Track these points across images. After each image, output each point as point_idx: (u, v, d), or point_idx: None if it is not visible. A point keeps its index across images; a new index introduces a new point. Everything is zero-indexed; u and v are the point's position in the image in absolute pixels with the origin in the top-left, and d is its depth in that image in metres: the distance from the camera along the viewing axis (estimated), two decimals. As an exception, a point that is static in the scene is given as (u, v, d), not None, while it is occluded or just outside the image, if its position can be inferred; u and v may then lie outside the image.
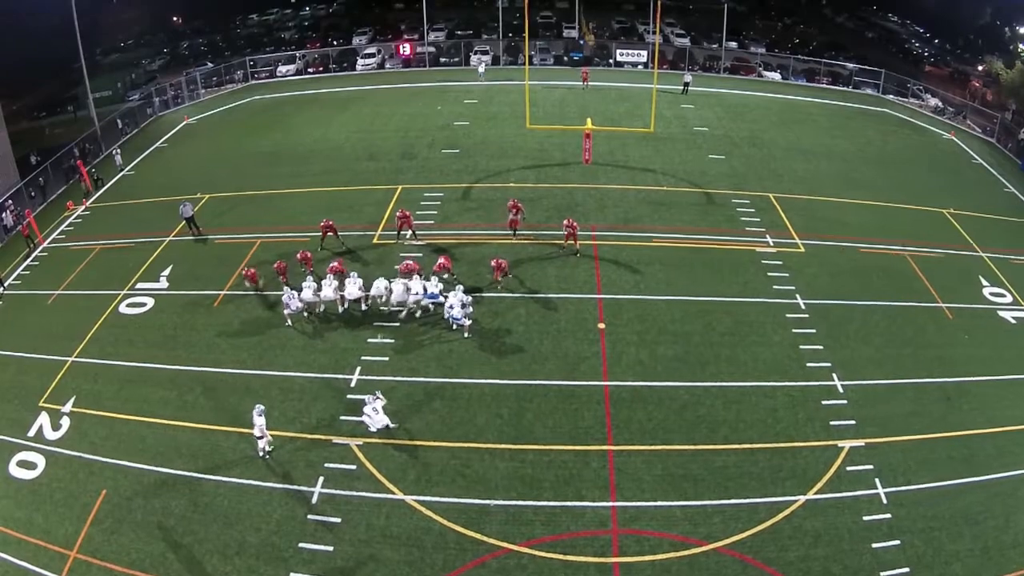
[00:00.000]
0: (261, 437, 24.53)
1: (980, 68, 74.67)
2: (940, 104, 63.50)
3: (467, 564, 21.27)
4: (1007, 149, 54.59)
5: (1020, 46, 74.34)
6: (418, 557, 21.49)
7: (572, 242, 35.33)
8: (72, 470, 25.06)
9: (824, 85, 67.52)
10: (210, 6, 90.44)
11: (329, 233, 36.35)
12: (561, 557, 21.43)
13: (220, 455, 25.25)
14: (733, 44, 75.48)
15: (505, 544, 21.79)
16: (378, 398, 24.93)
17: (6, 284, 36.50)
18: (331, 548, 21.84)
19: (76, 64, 55.71)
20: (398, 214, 36.83)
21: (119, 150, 50.98)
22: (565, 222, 35.43)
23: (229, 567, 21.44)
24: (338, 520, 22.62)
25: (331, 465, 24.51)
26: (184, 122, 58.18)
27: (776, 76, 68.58)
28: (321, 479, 24.04)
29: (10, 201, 43.42)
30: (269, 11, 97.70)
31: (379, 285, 31.24)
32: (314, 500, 23.39)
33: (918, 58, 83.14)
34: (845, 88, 67.07)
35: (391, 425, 25.31)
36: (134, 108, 60.40)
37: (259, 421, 24.30)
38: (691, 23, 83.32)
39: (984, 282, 35.46)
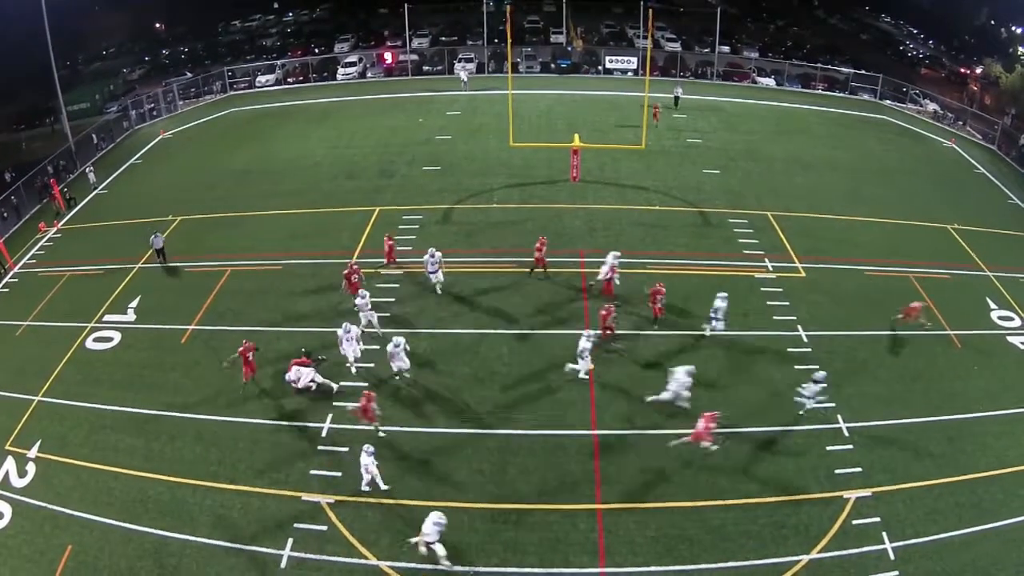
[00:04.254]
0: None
1: (978, 71, 73.56)
2: (939, 109, 62.32)
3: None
4: (1009, 157, 53.44)
5: (1020, 49, 73.27)
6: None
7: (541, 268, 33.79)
8: (38, 522, 23.86)
9: (820, 92, 66.19)
10: (192, 12, 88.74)
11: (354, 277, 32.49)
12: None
13: (186, 512, 23.68)
14: (726, 48, 74.05)
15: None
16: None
17: None
18: (300, 624, 20.13)
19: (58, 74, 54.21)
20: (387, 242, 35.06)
21: (92, 168, 49.56)
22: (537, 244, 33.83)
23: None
24: (308, 588, 20.90)
25: (301, 525, 22.86)
26: (160, 136, 56.66)
27: (771, 82, 67.23)
28: (291, 541, 22.39)
29: None
30: (252, 17, 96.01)
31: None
32: (283, 564, 21.80)
33: (913, 61, 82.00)
34: (842, 94, 65.85)
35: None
36: (111, 121, 59.19)
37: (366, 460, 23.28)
38: (682, 27, 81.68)
39: (992, 304, 34.19)
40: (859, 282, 34.97)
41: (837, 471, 24.63)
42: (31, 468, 25.84)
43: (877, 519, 22.97)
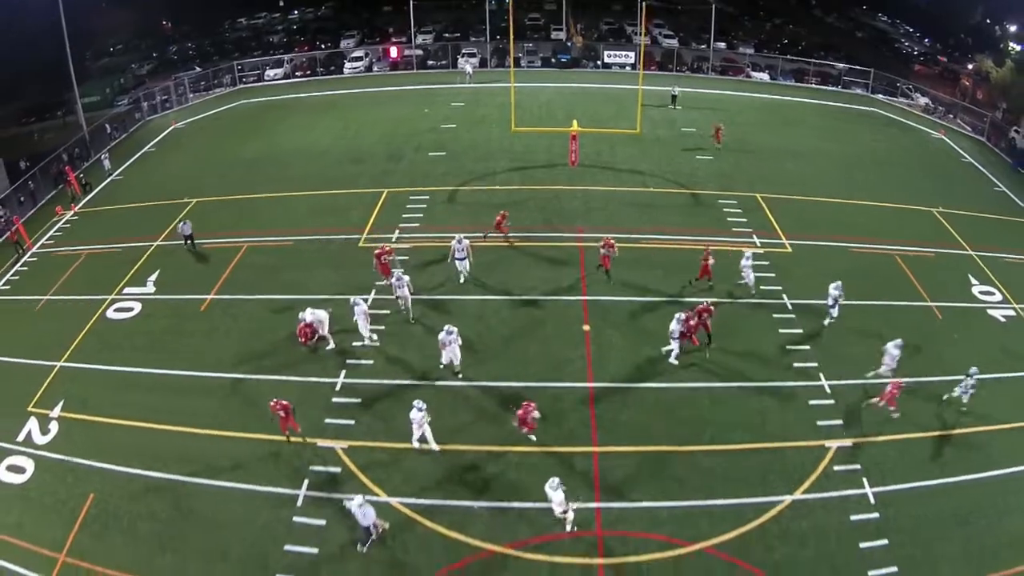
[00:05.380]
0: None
1: (970, 67, 74.97)
2: (930, 103, 63.67)
3: (451, 565, 21.20)
4: (998, 148, 54.80)
5: (1010, 44, 74.75)
6: (402, 559, 21.41)
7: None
8: (60, 474, 25.03)
9: (813, 85, 67.70)
10: (199, 10, 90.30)
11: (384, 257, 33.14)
12: (546, 558, 21.35)
13: (205, 459, 25.11)
14: (722, 45, 75.66)
15: (489, 546, 21.70)
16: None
17: None
18: (316, 550, 21.75)
19: (65, 69, 55.49)
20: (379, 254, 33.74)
21: (107, 155, 50.97)
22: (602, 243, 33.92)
23: (215, 572, 21.33)
24: (323, 522, 22.51)
25: (316, 468, 24.44)
26: (172, 126, 58.19)
27: (764, 76, 68.81)
28: (306, 482, 23.95)
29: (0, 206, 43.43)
30: (257, 15, 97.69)
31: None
32: (299, 503, 23.31)
33: (908, 57, 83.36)
34: (834, 88, 67.26)
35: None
36: (122, 113, 60.58)
37: (416, 416, 24.32)
38: (680, 24, 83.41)
39: (973, 280, 35.57)
40: (844, 258, 36.44)
41: (819, 422, 26.18)
42: (53, 427, 27.13)
43: (857, 466, 24.43)
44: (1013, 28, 76.49)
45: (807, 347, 29.77)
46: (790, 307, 32.23)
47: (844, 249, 37.26)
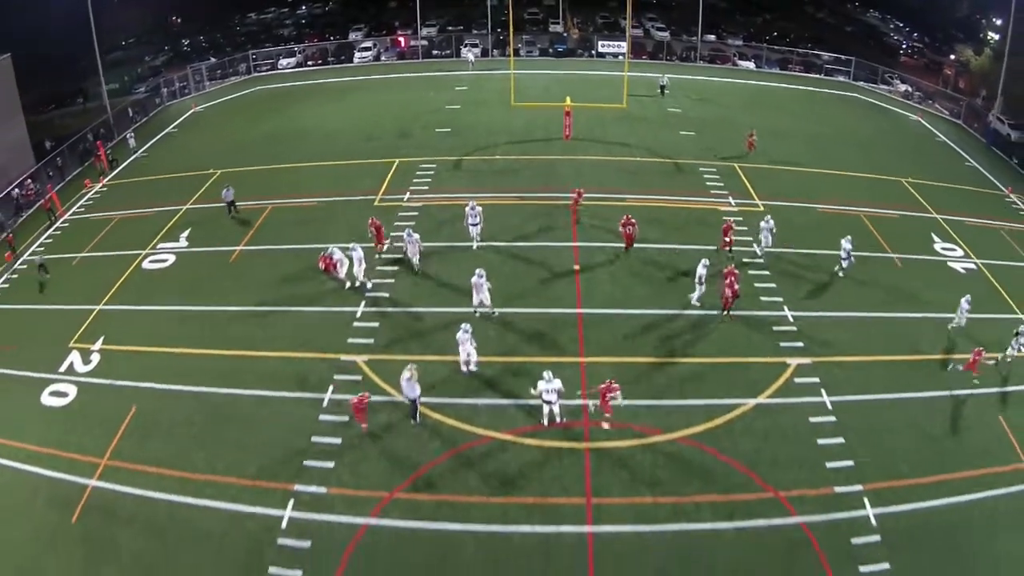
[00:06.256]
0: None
1: (952, 57, 78.09)
2: (909, 89, 66.82)
3: (458, 447, 24.75)
4: (973, 129, 58.04)
5: (989, 34, 77.89)
6: (416, 444, 24.98)
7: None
8: (102, 395, 27.86)
9: (797, 73, 71.20)
10: (208, 6, 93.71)
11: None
12: (538, 443, 24.88)
13: (237, 374, 28.33)
14: (712, 37, 79.20)
15: (491, 433, 25.29)
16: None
17: (27, 255, 39.00)
18: (339, 440, 25.26)
19: (81, 60, 58.43)
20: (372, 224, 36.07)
21: (132, 134, 54.42)
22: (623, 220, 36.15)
23: (249, 459, 24.63)
24: (346, 418, 25.97)
25: (340, 376, 27.94)
26: (192, 110, 61.69)
27: (751, 65, 72.43)
28: (331, 387, 27.41)
29: (29, 180, 46.46)
30: (267, 10, 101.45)
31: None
32: (324, 403, 26.75)
33: (894, 50, 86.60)
34: (817, 76, 70.64)
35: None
36: (142, 99, 63.82)
37: (463, 337, 27.47)
38: (672, 19, 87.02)
39: (936, 239, 38.81)
40: (812, 217, 39.99)
41: (782, 344, 29.69)
42: (95, 357, 29.89)
43: (816, 379, 27.85)
44: (999, 21, 79.41)
45: (773, 285, 33.28)
46: (759, 254, 35.67)
47: (812, 209, 40.74)
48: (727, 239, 35.19)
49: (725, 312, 31.28)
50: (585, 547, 21.57)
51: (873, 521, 22.45)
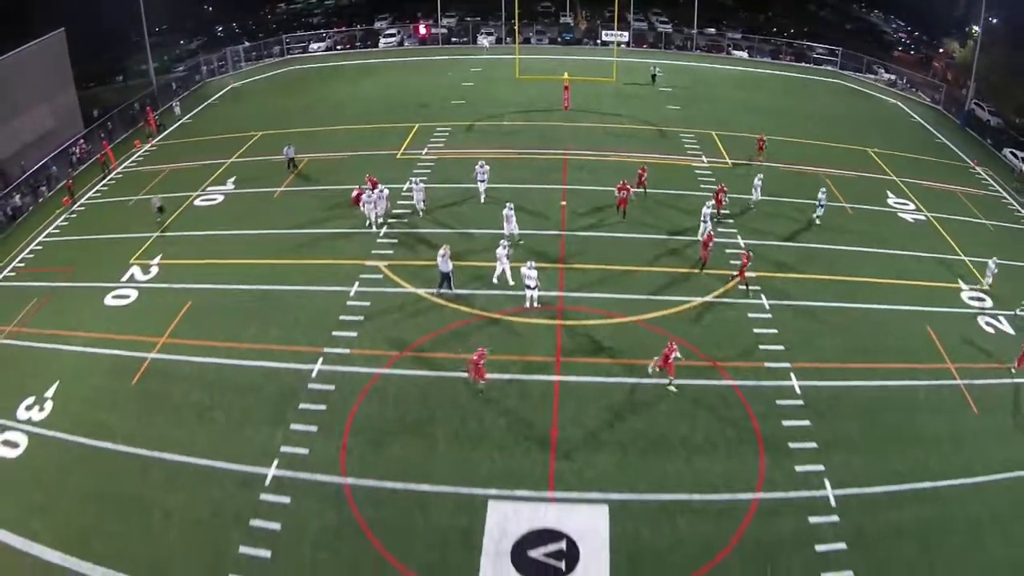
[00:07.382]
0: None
1: (940, 51, 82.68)
2: (893, 78, 71.24)
3: (456, 323, 30.87)
4: (949, 112, 62.76)
5: (973, 27, 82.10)
6: (424, 320, 31.14)
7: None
8: (160, 295, 33.12)
9: (787, 62, 76.46)
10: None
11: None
12: (523, 320, 30.98)
13: (283, 275, 34.22)
14: (711, 30, 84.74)
15: (485, 313, 31.45)
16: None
17: (83, 199, 44.10)
18: (362, 317, 31.25)
19: (124, 41, 63.99)
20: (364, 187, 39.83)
21: (178, 103, 60.75)
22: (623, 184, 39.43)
23: (288, 333, 30.51)
24: (368, 303, 32.14)
25: (364, 275, 34.03)
26: (231, 85, 68.00)
27: (744, 55, 77.83)
28: (356, 283, 33.47)
29: (82, 140, 51.77)
30: (296, 1, 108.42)
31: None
32: (351, 293, 32.79)
33: (891, 46, 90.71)
34: (807, 64, 75.74)
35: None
36: (183, 76, 69.95)
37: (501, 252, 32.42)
38: (677, 14, 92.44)
39: (890, 195, 43.84)
40: (775, 173, 45.20)
41: (732, 262, 35.08)
42: (154, 269, 35.29)
43: (758, 287, 33.30)
44: (995, 21, 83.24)
45: (731, 220, 39.16)
46: (752, 205, 40.90)
47: (776, 168, 46.12)
48: (719, 199, 39.42)
49: (745, 287, 33.79)
50: (552, 391, 27.30)
51: (798, 390, 27.38)
